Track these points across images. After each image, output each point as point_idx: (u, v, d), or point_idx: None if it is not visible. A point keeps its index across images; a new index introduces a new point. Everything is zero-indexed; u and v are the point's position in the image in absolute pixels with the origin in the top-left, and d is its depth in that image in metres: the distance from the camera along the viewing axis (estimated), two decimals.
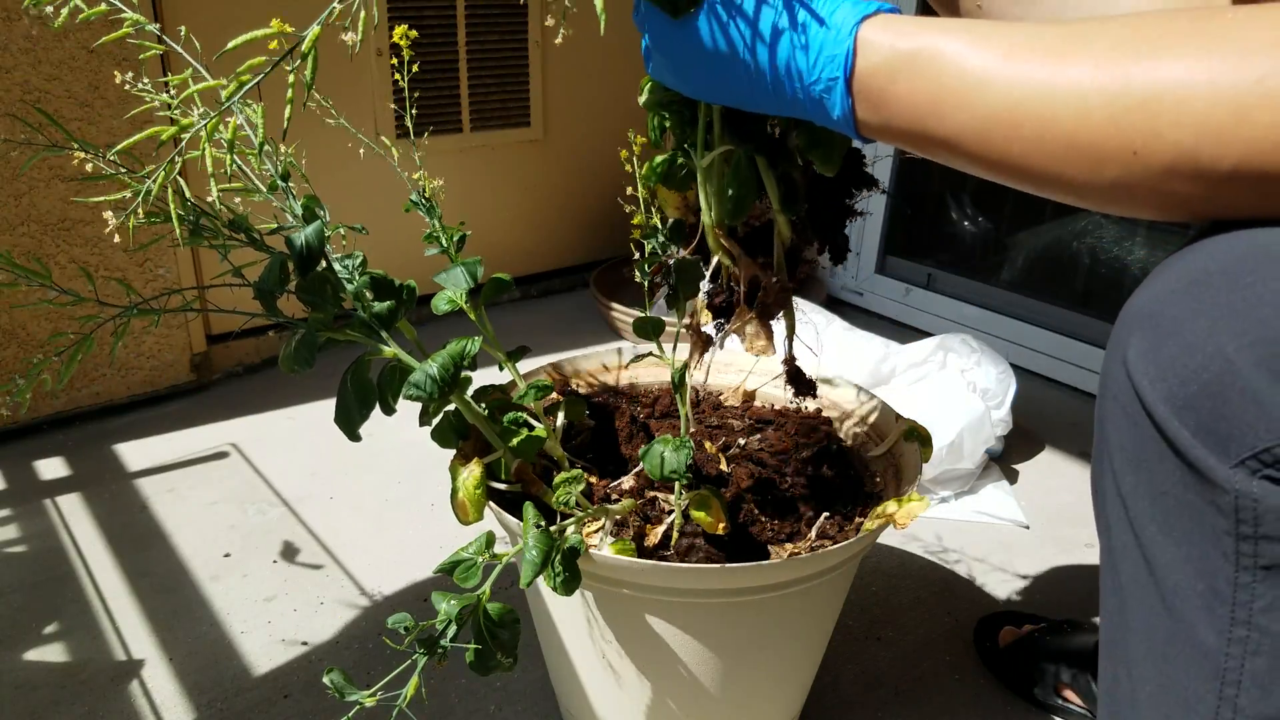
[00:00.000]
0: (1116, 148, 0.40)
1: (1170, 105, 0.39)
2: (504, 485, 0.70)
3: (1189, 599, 0.41)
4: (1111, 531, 0.46)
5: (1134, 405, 0.42)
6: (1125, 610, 0.45)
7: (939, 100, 0.45)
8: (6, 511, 1.22)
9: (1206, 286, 0.39)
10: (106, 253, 1.43)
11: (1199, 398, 0.38)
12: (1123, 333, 0.43)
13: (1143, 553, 0.43)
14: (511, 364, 0.73)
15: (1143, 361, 0.41)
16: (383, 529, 1.21)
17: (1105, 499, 0.46)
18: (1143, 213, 0.44)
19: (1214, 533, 0.39)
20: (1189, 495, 0.40)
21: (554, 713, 0.90)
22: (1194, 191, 0.40)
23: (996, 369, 1.36)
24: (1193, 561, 0.41)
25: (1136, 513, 0.43)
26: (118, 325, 0.55)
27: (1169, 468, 0.41)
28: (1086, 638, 0.93)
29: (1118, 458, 0.44)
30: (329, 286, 0.62)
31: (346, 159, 1.62)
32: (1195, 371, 0.39)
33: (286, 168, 0.66)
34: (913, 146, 0.49)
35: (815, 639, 0.80)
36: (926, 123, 0.46)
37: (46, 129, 1.17)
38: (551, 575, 0.61)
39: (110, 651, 0.98)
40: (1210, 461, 0.38)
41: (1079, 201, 0.45)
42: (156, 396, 1.55)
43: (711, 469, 0.79)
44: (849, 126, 0.49)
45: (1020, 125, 0.43)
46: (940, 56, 0.45)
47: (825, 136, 0.58)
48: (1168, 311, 0.41)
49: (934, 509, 1.27)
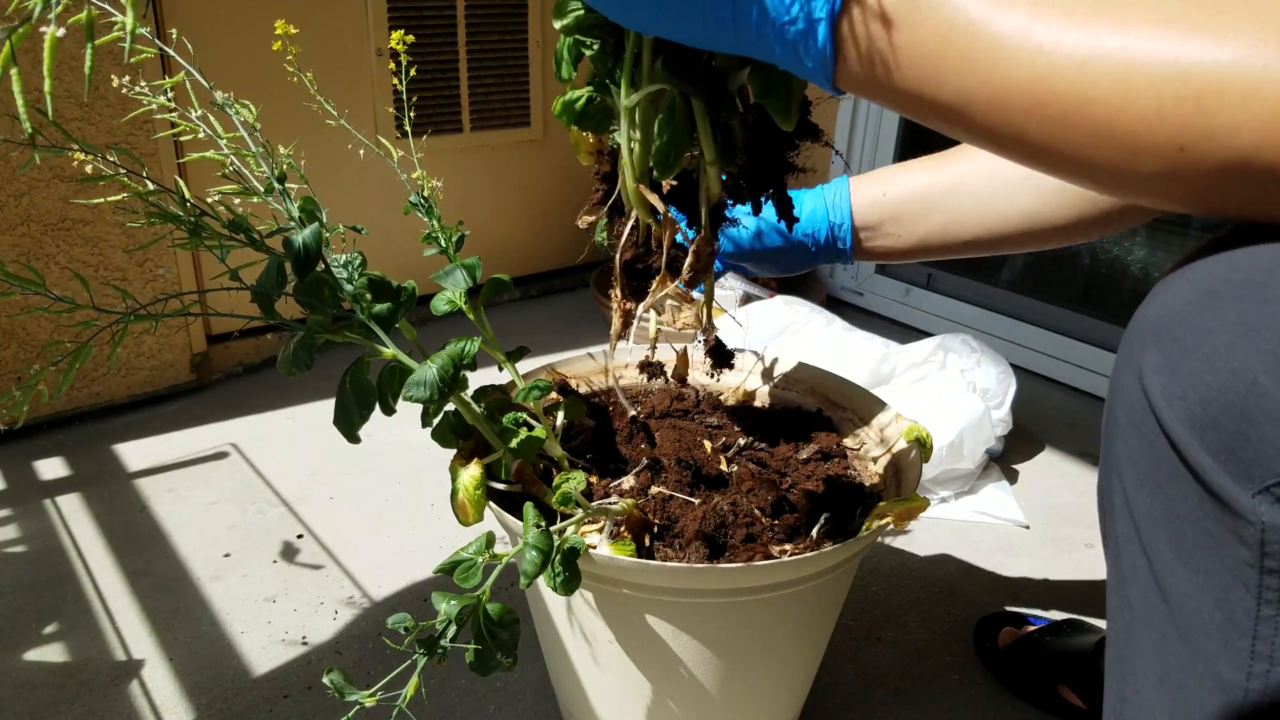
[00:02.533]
0: (1162, 141, 0.36)
1: (1232, 100, 0.34)
2: (504, 485, 0.70)
3: (1206, 629, 0.39)
4: (1121, 552, 0.43)
5: (1149, 424, 0.39)
6: (1134, 634, 0.43)
7: (942, 61, 0.39)
8: (6, 511, 1.22)
9: (1230, 299, 0.36)
10: (106, 253, 1.43)
11: (1221, 418, 0.35)
12: (1136, 345, 0.40)
13: (1155, 578, 0.41)
14: (511, 364, 0.73)
15: (1160, 377, 0.38)
16: (383, 529, 1.21)
17: (1114, 517, 0.44)
18: (1171, 207, 0.40)
19: (1235, 563, 0.37)
20: (1208, 522, 0.37)
21: (554, 713, 0.90)
22: (1242, 194, 0.36)
23: (996, 369, 1.36)
24: (1211, 591, 0.38)
25: (1150, 537, 0.41)
26: (115, 331, 0.55)
27: (1186, 491, 0.38)
28: (1086, 638, 0.93)
29: (1129, 476, 0.41)
30: (327, 288, 0.62)
31: (346, 159, 1.62)
32: (1217, 390, 0.36)
33: (284, 169, 0.65)
34: (901, 108, 0.42)
35: (815, 639, 0.80)
36: (925, 85, 0.40)
37: (46, 129, 1.16)
38: (551, 575, 0.60)
39: (110, 651, 0.98)
40: (1232, 488, 0.36)
41: (1100, 188, 0.41)
42: (156, 397, 1.55)
43: (712, 469, 0.79)
44: (824, 77, 0.42)
45: (1044, 103, 0.37)
46: (952, 7, 0.38)
47: (783, 80, 0.50)
48: (1187, 324, 0.37)
49: (934, 509, 1.27)
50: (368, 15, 1.66)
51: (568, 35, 0.53)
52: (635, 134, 0.54)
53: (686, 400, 0.91)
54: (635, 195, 0.57)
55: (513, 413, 0.70)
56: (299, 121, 1.14)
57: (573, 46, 0.53)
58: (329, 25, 1.62)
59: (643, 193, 0.56)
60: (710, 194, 0.57)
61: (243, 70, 1.51)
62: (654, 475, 0.76)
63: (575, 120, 0.56)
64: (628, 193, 0.57)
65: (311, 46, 1.59)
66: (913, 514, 0.69)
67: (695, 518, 0.72)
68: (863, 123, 1.92)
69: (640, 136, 0.54)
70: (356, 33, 1.66)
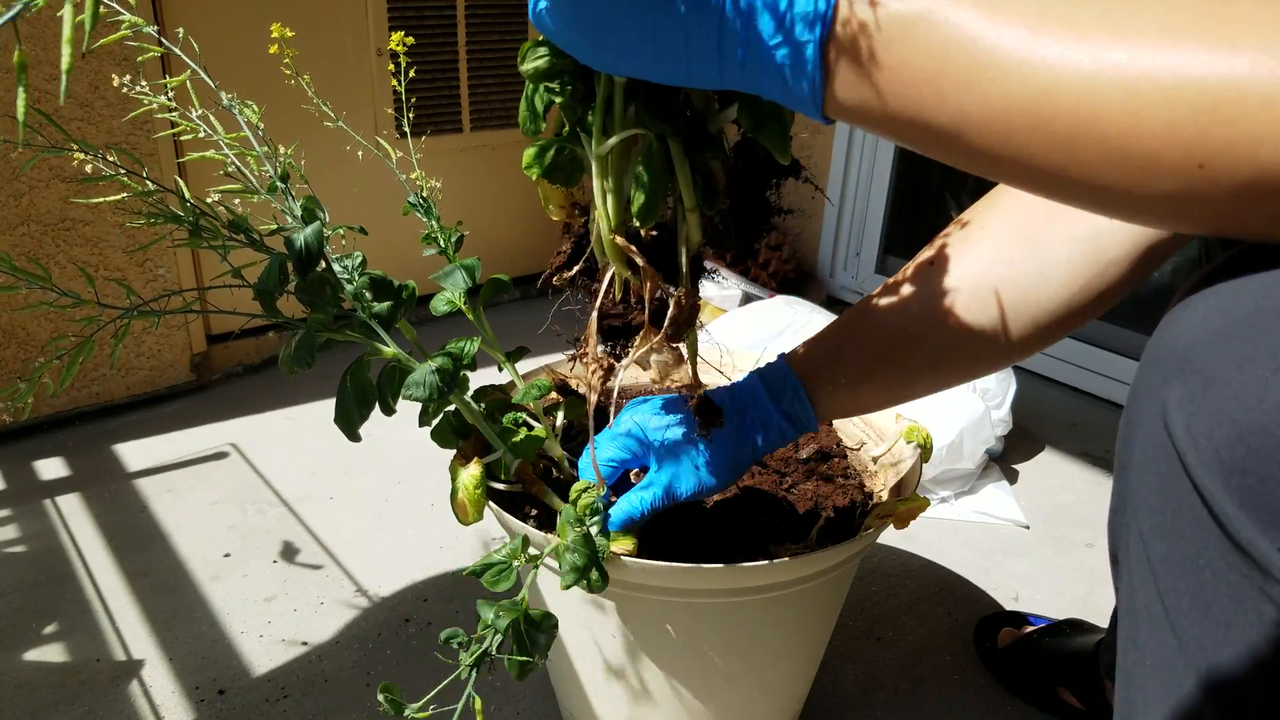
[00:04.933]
0: (1179, 159, 0.33)
1: (1251, 110, 0.31)
2: (504, 485, 0.70)
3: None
4: (1135, 594, 0.40)
5: (1171, 464, 0.36)
6: (1146, 680, 0.40)
7: (940, 79, 0.36)
8: (6, 511, 1.22)
9: (1261, 329, 0.33)
10: (106, 253, 1.43)
11: (1251, 462, 0.32)
12: (1157, 377, 0.37)
13: (1172, 628, 0.38)
14: (511, 364, 0.73)
15: (1183, 415, 0.35)
16: (383, 529, 1.21)
17: (1128, 554, 0.41)
18: (1185, 228, 0.37)
19: (1262, 623, 0.34)
20: (1232, 575, 0.34)
21: (554, 713, 0.90)
22: (1266, 212, 0.33)
23: None
24: (1233, 645, 0.35)
25: (1167, 585, 0.38)
26: (118, 328, 0.55)
27: (1210, 540, 0.35)
28: (1086, 639, 0.93)
29: (1145, 518, 0.39)
30: (328, 287, 0.62)
31: (346, 158, 1.62)
32: (1249, 432, 0.32)
33: (285, 169, 0.66)
34: (894, 133, 0.40)
35: (815, 639, 0.80)
36: (920, 106, 0.37)
37: (46, 129, 1.16)
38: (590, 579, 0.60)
39: (110, 651, 0.98)
40: (1261, 542, 0.33)
41: (1108, 211, 0.38)
42: (156, 396, 1.55)
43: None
44: (812, 105, 0.39)
45: (1049, 120, 0.35)
46: (948, 24, 0.36)
47: (773, 113, 0.47)
48: (1214, 357, 0.34)
49: (934, 509, 1.27)
50: (368, 15, 1.66)
51: (533, 83, 0.50)
52: (609, 183, 0.51)
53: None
54: (611, 247, 0.53)
55: (513, 413, 0.70)
56: (299, 122, 1.14)
57: (542, 95, 0.50)
58: (329, 25, 1.62)
59: (619, 245, 0.52)
60: (691, 242, 0.54)
61: (242, 70, 1.51)
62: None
63: (545, 173, 0.53)
64: (604, 245, 0.53)
65: (311, 47, 1.59)
66: (913, 514, 0.69)
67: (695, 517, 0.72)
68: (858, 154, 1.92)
69: (614, 186, 0.51)
70: (356, 33, 1.66)
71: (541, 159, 0.52)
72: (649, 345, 0.56)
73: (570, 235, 0.59)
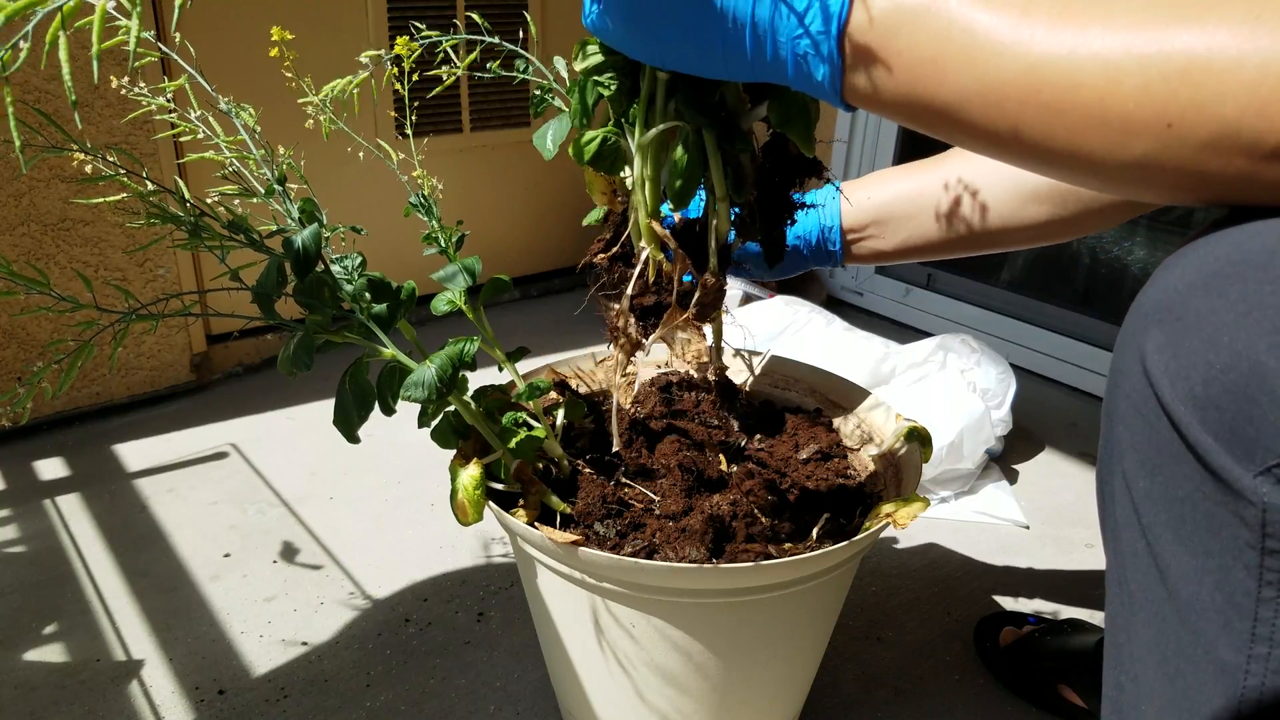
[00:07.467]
0: (1150, 118, 0.37)
1: (1215, 74, 0.35)
2: (503, 485, 0.70)
3: (1206, 613, 0.38)
4: (1120, 536, 0.43)
5: (1151, 405, 0.39)
6: (1133, 618, 0.43)
7: (942, 61, 0.41)
8: (6, 511, 1.22)
9: (1232, 278, 0.36)
10: (106, 253, 1.43)
11: (1223, 399, 0.36)
12: (1137, 326, 0.40)
13: (1155, 561, 0.40)
14: (511, 364, 0.73)
15: (1161, 358, 0.38)
16: (383, 529, 1.21)
17: (1114, 501, 0.44)
18: (1160, 193, 0.40)
19: (1236, 545, 0.37)
20: (1209, 503, 0.37)
21: (554, 713, 0.90)
22: (1230, 170, 0.36)
23: (996, 369, 1.36)
24: (1211, 573, 0.38)
25: (1150, 519, 0.41)
26: (117, 330, 0.55)
27: (1187, 472, 0.38)
28: (1087, 638, 0.93)
29: (1130, 459, 0.41)
30: (327, 289, 0.62)
31: (347, 159, 1.62)
32: (1220, 370, 0.36)
33: (284, 170, 0.66)
34: (905, 116, 0.44)
35: (815, 639, 0.80)
36: (925, 86, 0.42)
37: (46, 129, 1.17)
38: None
39: (110, 651, 0.98)
40: (1234, 468, 0.36)
41: (1091, 181, 0.41)
42: (156, 397, 1.55)
43: (712, 470, 0.79)
44: (833, 93, 0.44)
45: (1037, 90, 0.39)
46: (947, 11, 0.41)
47: (800, 107, 0.52)
48: (1190, 305, 0.37)
49: (934, 509, 1.27)
50: (368, 15, 1.66)
51: (585, 78, 0.56)
52: (648, 171, 0.56)
53: (686, 401, 0.91)
54: (647, 231, 0.58)
55: (512, 413, 0.70)
56: (299, 122, 1.14)
57: (590, 89, 0.56)
58: (329, 25, 1.62)
59: (654, 229, 0.58)
60: (720, 231, 0.59)
61: (242, 70, 1.51)
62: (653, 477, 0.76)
63: (590, 160, 0.59)
64: (640, 229, 0.59)
65: (311, 47, 1.59)
66: (913, 514, 0.69)
67: (696, 517, 0.72)
68: (860, 132, 1.92)
69: (652, 174, 0.56)
70: (357, 33, 1.66)
71: (587, 148, 0.58)
72: (675, 323, 0.61)
73: (609, 224, 0.65)
